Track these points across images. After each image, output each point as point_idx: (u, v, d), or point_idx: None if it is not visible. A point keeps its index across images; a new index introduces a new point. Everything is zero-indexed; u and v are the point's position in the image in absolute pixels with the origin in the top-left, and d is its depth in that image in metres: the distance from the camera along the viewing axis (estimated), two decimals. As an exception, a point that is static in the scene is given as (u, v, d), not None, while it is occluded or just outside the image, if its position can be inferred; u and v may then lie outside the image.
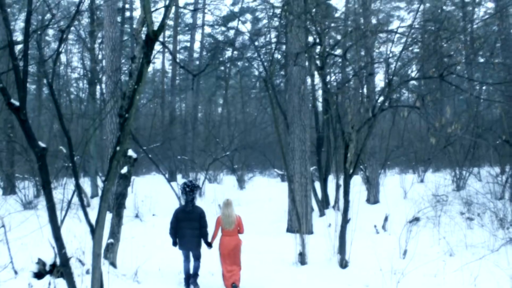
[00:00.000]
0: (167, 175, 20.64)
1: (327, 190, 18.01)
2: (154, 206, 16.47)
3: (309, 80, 15.16)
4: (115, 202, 7.85)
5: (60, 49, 5.91)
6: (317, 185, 18.01)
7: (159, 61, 32.16)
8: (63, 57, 24.71)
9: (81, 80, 28.01)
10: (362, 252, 9.71)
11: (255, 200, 19.70)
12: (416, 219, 12.93)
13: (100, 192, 18.30)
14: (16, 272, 6.46)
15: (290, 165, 12.35)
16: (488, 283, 7.59)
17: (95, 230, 4.85)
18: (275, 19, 14.91)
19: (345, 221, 8.69)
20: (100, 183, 18.01)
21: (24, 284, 6.28)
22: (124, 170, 7.75)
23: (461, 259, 9.03)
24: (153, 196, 17.19)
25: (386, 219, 13.08)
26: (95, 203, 16.22)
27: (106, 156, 16.89)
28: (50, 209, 4.52)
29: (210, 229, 7.88)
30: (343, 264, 8.77)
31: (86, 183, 18.48)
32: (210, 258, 8.19)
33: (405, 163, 26.99)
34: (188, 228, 7.68)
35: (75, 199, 10.84)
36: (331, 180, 18.45)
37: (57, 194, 11.31)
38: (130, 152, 7.85)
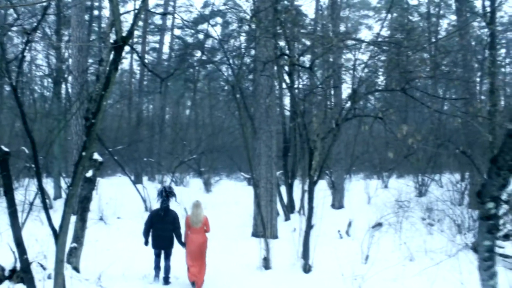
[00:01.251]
0: (132, 178, 20.42)
1: (293, 195, 18.21)
2: (119, 209, 16.25)
3: (278, 85, 15.29)
4: (79, 206, 7.76)
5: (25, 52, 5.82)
6: (284, 189, 18.21)
7: (127, 61, 31.77)
8: (27, 54, 24.11)
9: (46, 79, 27.36)
10: (325, 257, 9.87)
11: (222, 204, 19.69)
12: (379, 225, 13.24)
13: (63, 194, 17.97)
14: (-26, 278, 6.31)
15: (256, 170, 12.45)
16: (444, 288, 7.87)
17: (58, 236, 4.81)
18: (245, 23, 14.99)
19: (309, 226, 8.85)
20: (63, 184, 17.66)
21: None
22: (89, 173, 7.68)
23: (420, 264, 9.31)
24: (118, 199, 16.96)
25: (349, 224, 13.34)
26: (58, 205, 15.89)
27: (71, 157, 16.60)
28: (11, 215, 4.47)
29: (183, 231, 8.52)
30: (307, 269, 8.93)
31: (49, 184, 18.06)
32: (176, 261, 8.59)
33: (370, 169, 27.55)
34: (162, 229, 8.36)
35: (37, 201, 10.70)
36: (297, 185, 18.67)
37: (18, 196, 11.09)
38: (96, 156, 7.78)
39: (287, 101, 20.27)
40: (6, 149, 4.41)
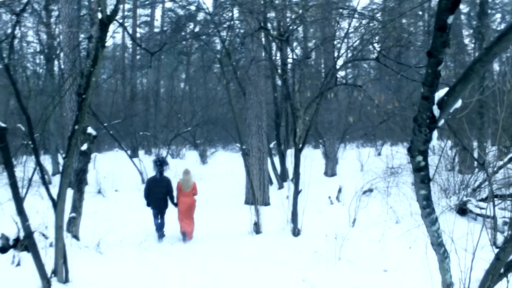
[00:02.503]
0: (129, 152, 20.75)
1: (286, 164, 18.59)
2: (116, 182, 16.65)
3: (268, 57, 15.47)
4: (76, 178, 8.11)
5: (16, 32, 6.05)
6: (277, 159, 18.59)
7: (119, 35, 31.70)
8: (17, 31, 23.97)
9: (38, 56, 27.32)
10: (315, 221, 10.26)
11: (217, 175, 20.09)
12: (369, 190, 13.65)
13: (61, 169, 18.33)
14: (-20, 247, 6.70)
15: (247, 140, 12.80)
16: (422, 247, 8.28)
17: (57, 204, 5.17)
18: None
19: (296, 192, 9.24)
20: (61, 160, 17.98)
21: None
22: (84, 147, 8.00)
23: (405, 226, 9.72)
24: (115, 173, 17.35)
25: (339, 190, 13.74)
26: (56, 180, 16.25)
27: (66, 133, 16.85)
28: (12, 185, 4.81)
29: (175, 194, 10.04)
30: (296, 232, 9.35)
31: (46, 161, 18.41)
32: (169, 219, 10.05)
33: (364, 137, 27.85)
34: (158, 192, 9.84)
35: (36, 177, 11.10)
36: (290, 154, 19.01)
37: (17, 173, 11.44)
38: (90, 130, 8.09)
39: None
40: (3, 125, 4.72)
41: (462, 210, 10.83)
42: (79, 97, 6.20)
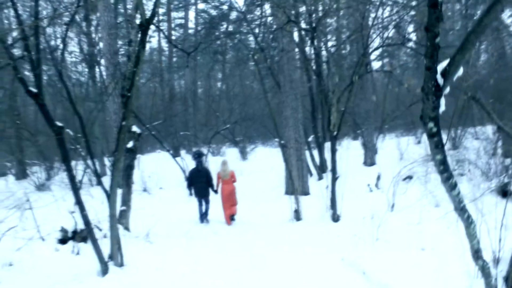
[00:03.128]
0: (171, 151, 21.38)
1: (324, 156, 18.75)
2: (160, 181, 17.27)
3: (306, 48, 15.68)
4: (124, 174, 8.65)
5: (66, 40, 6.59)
6: (316, 152, 18.78)
7: (155, 39, 32.54)
8: (59, 42, 25.03)
9: (80, 64, 28.44)
10: (354, 208, 10.46)
11: (257, 171, 20.41)
12: (409, 177, 13.67)
13: (108, 171, 19.12)
14: (43, 239, 7.35)
15: (285, 132, 13.10)
16: (461, 228, 8.33)
17: (110, 195, 5.66)
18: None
19: (334, 178, 9.47)
20: (107, 162, 18.79)
21: (51, 248, 7.22)
22: (130, 144, 8.53)
23: (445, 209, 9.76)
24: (159, 172, 17.99)
25: (378, 177, 13.83)
26: (103, 181, 17.04)
27: (111, 136, 17.62)
28: (70, 178, 5.32)
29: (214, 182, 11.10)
30: (335, 218, 9.59)
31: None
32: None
33: (403, 126, 27.57)
34: (199, 182, 10.93)
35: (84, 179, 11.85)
36: (328, 146, 19.11)
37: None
38: (134, 128, 8.62)
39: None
40: (61, 124, 5.23)
41: (503, 192, 10.76)
42: (123, 97, 6.68)
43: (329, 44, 20.32)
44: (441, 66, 2.70)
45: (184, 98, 29.22)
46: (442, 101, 2.87)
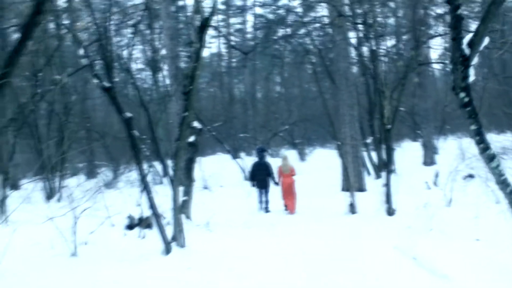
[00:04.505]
0: (231, 152, 22.00)
1: (382, 155, 18.60)
2: (221, 179, 17.85)
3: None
4: (185, 167, 9.21)
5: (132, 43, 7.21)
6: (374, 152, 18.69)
7: (214, 45, 33.57)
8: (125, 49, 26.44)
9: (144, 71, 29.81)
10: (410, 203, 10.47)
11: (315, 170, 20.63)
12: (470, 176, 13.40)
13: (170, 171, 19.99)
14: (113, 225, 8.12)
15: (341, 129, 13.28)
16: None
17: (173, 181, 6.17)
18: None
19: (389, 171, 9.55)
20: (169, 163, 19.61)
21: (120, 233, 8.03)
22: (191, 139, 9.07)
23: (506, 206, 9.53)
24: (219, 172, 18.59)
25: (437, 175, 13.67)
26: (166, 181, 17.84)
27: (174, 137, 18.41)
28: (139, 165, 5.87)
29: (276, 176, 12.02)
30: (390, 212, 9.67)
31: (157, 164, 20.17)
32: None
33: (466, 126, 26.68)
34: (260, 175, 12.01)
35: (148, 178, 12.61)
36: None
37: (133, 175, 13.27)
38: (195, 124, 9.17)
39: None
40: (130, 114, 5.79)
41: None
42: (185, 94, 7.20)
43: (388, 43, 20.23)
44: (467, 38, 2.90)
45: (244, 101, 29.86)
46: (472, 71, 3.05)
